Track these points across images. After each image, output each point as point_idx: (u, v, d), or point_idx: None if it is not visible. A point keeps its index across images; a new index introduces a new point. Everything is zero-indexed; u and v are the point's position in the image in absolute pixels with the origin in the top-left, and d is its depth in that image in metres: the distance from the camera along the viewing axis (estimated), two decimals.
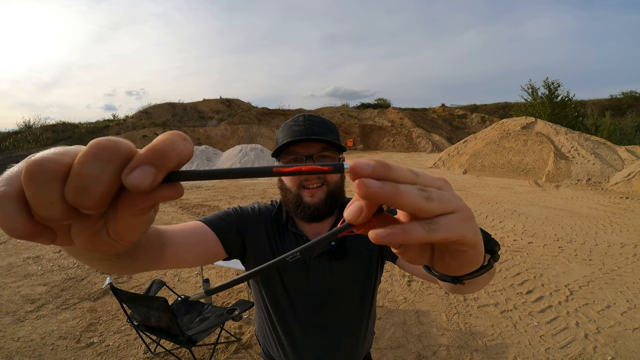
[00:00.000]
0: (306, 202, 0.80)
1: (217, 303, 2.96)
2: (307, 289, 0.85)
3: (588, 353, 2.30)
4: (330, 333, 0.87)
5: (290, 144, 0.78)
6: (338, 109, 27.68)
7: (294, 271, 0.85)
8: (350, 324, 0.89)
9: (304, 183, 0.80)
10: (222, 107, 25.57)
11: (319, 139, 0.78)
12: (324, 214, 0.81)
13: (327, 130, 0.82)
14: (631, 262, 3.81)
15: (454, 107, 31.04)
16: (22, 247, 4.54)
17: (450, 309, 2.88)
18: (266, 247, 0.85)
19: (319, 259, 0.84)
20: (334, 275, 0.85)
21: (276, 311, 0.88)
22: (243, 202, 7.17)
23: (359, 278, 0.87)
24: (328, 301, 0.86)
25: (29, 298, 3.13)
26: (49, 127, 18.85)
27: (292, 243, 0.85)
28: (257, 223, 0.87)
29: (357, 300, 0.88)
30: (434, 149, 20.21)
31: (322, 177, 0.81)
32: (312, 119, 0.82)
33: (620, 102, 26.75)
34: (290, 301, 0.86)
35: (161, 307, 1.84)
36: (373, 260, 0.88)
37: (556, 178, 9.34)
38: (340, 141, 0.86)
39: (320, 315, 0.86)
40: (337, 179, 0.83)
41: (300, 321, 0.87)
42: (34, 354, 2.34)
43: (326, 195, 0.81)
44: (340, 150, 0.83)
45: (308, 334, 0.87)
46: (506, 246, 4.35)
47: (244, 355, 2.31)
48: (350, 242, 0.86)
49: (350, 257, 0.85)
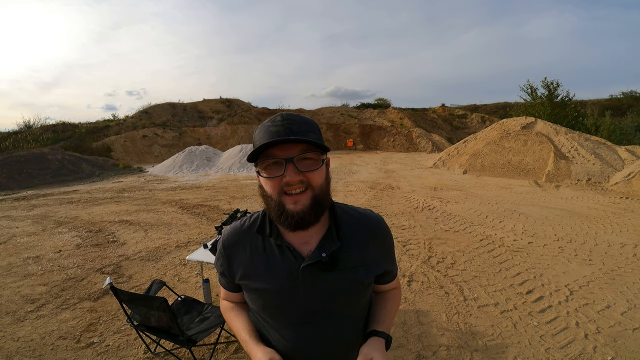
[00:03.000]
0: (289, 209, 0.75)
1: (217, 303, 2.96)
2: (295, 298, 0.82)
3: (588, 353, 2.30)
4: (321, 337, 0.85)
5: (267, 146, 0.72)
6: (338, 109, 27.65)
7: (284, 279, 0.82)
8: (342, 330, 0.86)
9: (285, 189, 0.74)
10: (222, 107, 25.54)
11: (299, 139, 0.71)
12: (309, 221, 0.76)
13: (308, 129, 0.75)
14: (631, 262, 3.81)
15: (454, 107, 31.00)
16: (22, 247, 4.54)
17: (450, 309, 2.88)
18: (256, 266, 0.85)
19: (309, 269, 0.80)
20: (323, 286, 0.81)
21: (262, 318, 0.88)
22: (243, 202, 7.17)
23: (349, 290, 0.84)
24: (318, 309, 0.83)
25: (29, 298, 3.13)
26: (49, 127, 18.82)
27: (279, 256, 0.82)
28: (230, 264, 0.89)
29: (347, 309, 0.86)
30: (434, 149, 20.21)
31: (305, 181, 0.74)
32: (291, 118, 0.76)
33: (620, 102, 26.70)
34: (276, 309, 0.85)
35: (161, 307, 1.84)
36: (366, 279, 0.86)
37: (556, 178, 9.34)
38: (326, 140, 0.82)
39: (311, 322, 0.84)
40: (322, 182, 0.77)
41: (292, 326, 0.85)
42: (34, 354, 2.34)
43: (311, 201, 0.75)
44: (323, 150, 0.77)
45: (300, 338, 0.84)
46: (506, 246, 4.35)
47: (244, 355, 2.31)
48: (343, 255, 0.83)
49: (340, 269, 0.82)
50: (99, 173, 12.60)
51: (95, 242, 4.70)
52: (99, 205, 7.18)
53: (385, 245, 0.91)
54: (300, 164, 0.74)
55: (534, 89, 19.34)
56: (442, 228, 5.15)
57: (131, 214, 6.24)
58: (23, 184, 10.47)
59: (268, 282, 0.82)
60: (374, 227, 0.88)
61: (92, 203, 7.42)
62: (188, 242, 4.62)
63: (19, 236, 5.01)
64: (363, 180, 10.06)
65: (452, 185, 9.00)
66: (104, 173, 12.74)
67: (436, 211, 6.19)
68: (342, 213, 0.87)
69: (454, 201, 7.01)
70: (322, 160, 0.77)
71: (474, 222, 5.43)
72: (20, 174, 11.07)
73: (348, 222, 0.86)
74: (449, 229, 5.08)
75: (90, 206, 7.08)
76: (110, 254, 4.22)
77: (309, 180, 0.75)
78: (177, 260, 3.98)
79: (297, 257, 0.81)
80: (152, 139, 18.66)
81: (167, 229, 5.26)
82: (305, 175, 0.74)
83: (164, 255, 4.17)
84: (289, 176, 0.72)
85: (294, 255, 0.81)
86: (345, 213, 0.88)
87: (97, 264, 3.93)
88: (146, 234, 5.03)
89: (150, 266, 3.85)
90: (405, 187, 8.75)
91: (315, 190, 0.76)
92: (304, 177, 0.74)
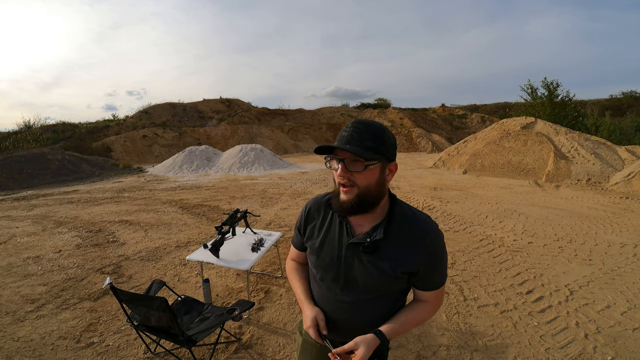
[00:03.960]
0: (340, 197, 0.96)
1: (217, 303, 2.96)
2: (337, 265, 1.02)
3: (588, 353, 2.30)
4: (342, 305, 1.04)
5: (332, 148, 0.94)
6: (338, 109, 27.62)
7: (334, 247, 1.03)
8: (359, 304, 1.02)
9: (339, 181, 0.95)
10: (222, 107, 25.53)
11: (347, 148, 0.89)
12: (352, 211, 0.96)
13: (367, 137, 0.90)
14: (631, 262, 3.81)
15: (454, 107, 31.00)
16: (22, 247, 4.54)
17: (450, 309, 2.88)
18: (320, 231, 1.08)
19: (353, 247, 0.99)
20: (359, 264, 0.99)
21: (314, 273, 1.11)
22: (243, 202, 7.17)
23: (379, 276, 0.97)
24: (348, 281, 1.01)
25: (29, 298, 3.13)
26: (49, 127, 18.79)
27: (337, 228, 1.04)
28: (306, 222, 1.14)
29: (374, 293, 1.01)
30: (434, 149, 20.20)
31: (352, 179, 0.92)
32: (358, 127, 0.92)
33: (620, 102, 26.70)
34: (322, 269, 1.06)
35: (161, 307, 1.84)
36: (397, 271, 0.98)
37: (556, 178, 9.34)
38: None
39: (338, 289, 1.04)
40: (367, 183, 0.93)
41: (326, 287, 1.07)
42: (34, 354, 2.33)
43: (355, 196, 0.93)
44: (368, 158, 0.90)
45: (327, 299, 1.06)
46: (506, 246, 4.35)
47: (244, 355, 2.31)
48: (387, 243, 0.97)
49: (378, 256, 0.97)
50: (99, 173, 12.60)
51: (95, 242, 4.70)
52: (99, 205, 7.18)
53: (427, 251, 0.98)
54: (350, 165, 0.91)
55: (534, 89, 19.34)
56: (442, 228, 5.15)
57: (131, 214, 6.24)
58: (23, 184, 10.47)
59: (323, 246, 1.05)
60: (423, 233, 0.98)
61: (92, 203, 7.41)
62: (188, 242, 4.62)
63: (19, 236, 5.01)
64: None
65: (452, 185, 9.00)
66: (104, 173, 12.74)
67: (436, 211, 6.19)
68: (399, 211, 1.01)
69: (454, 201, 7.01)
70: (366, 166, 0.90)
71: (474, 222, 5.43)
72: (20, 174, 11.06)
73: (401, 221, 1.00)
74: (449, 229, 5.08)
75: (90, 206, 7.08)
76: (110, 254, 4.22)
77: (355, 179, 0.92)
78: (177, 260, 3.98)
79: (350, 234, 1.01)
80: (152, 139, 18.65)
81: (167, 229, 5.26)
82: (353, 175, 0.92)
83: (164, 255, 4.17)
84: (339, 172, 0.92)
85: (347, 232, 1.01)
86: (402, 212, 1.01)
87: (97, 264, 3.93)
88: (146, 234, 5.03)
89: (150, 266, 3.85)
90: (405, 187, 8.75)
91: (360, 188, 0.93)
92: (351, 175, 0.92)
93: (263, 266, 3.76)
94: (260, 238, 3.09)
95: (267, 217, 5.82)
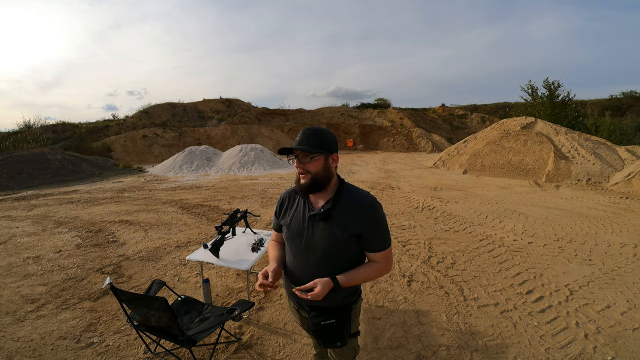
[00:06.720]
0: (300, 182, 1.30)
1: (217, 303, 2.96)
2: (302, 234, 1.32)
3: (588, 353, 2.30)
4: (309, 265, 1.32)
5: (291, 149, 1.28)
6: (338, 109, 27.61)
7: (298, 222, 1.34)
8: (320, 263, 1.30)
9: (298, 171, 1.30)
10: (222, 107, 25.51)
11: (299, 147, 1.25)
12: (310, 190, 1.30)
13: (312, 138, 1.25)
14: (631, 262, 3.81)
15: (454, 107, 30.96)
16: (22, 247, 4.54)
17: (450, 309, 2.88)
18: (290, 210, 1.41)
19: (312, 218, 1.30)
20: (317, 231, 1.29)
21: (287, 245, 1.42)
22: (243, 202, 7.17)
23: (333, 238, 1.26)
24: (310, 245, 1.30)
25: (29, 298, 3.13)
26: (49, 127, 18.77)
27: (301, 206, 1.36)
28: (281, 207, 1.46)
29: (329, 253, 1.28)
30: (434, 149, 20.20)
31: (305, 168, 1.27)
32: (305, 132, 1.27)
33: (620, 102, 26.66)
34: (292, 239, 1.36)
35: (161, 307, 1.84)
36: (345, 234, 1.26)
37: (556, 178, 9.34)
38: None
39: (304, 252, 1.32)
40: (316, 170, 1.27)
41: (295, 252, 1.36)
42: (34, 354, 2.33)
43: (309, 180, 1.27)
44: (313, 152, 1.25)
45: (297, 262, 1.36)
46: (506, 246, 4.35)
47: (244, 355, 2.31)
48: (336, 212, 1.27)
49: (331, 223, 1.27)
50: (99, 173, 12.60)
51: (95, 242, 4.70)
52: (99, 205, 7.18)
53: (367, 216, 1.27)
54: (302, 158, 1.26)
55: (534, 89, 19.33)
56: (442, 228, 5.15)
57: (131, 214, 6.24)
58: (23, 184, 10.46)
59: (292, 221, 1.36)
60: (362, 203, 1.29)
61: (92, 203, 7.41)
62: (188, 242, 4.62)
63: (19, 236, 5.01)
64: (363, 180, 10.06)
65: (452, 185, 8.99)
66: (104, 173, 12.74)
67: (436, 211, 6.19)
68: (345, 189, 1.33)
69: (454, 201, 7.01)
70: (312, 157, 1.25)
71: (474, 222, 5.43)
72: (20, 174, 11.06)
73: (346, 196, 1.31)
74: (449, 229, 5.08)
75: (90, 206, 7.07)
76: (110, 254, 4.22)
77: (308, 167, 1.27)
78: (177, 260, 3.98)
79: (310, 209, 1.33)
80: (152, 139, 18.65)
81: (167, 229, 5.26)
82: (306, 165, 1.27)
83: (164, 255, 4.17)
84: (296, 164, 1.29)
85: (308, 208, 1.34)
86: (348, 190, 1.33)
87: (97, 264, 3.93)
88: (146, 234, 5.03)
89: (150, 266, 3.85)
90: (405, 187, 8.75)
91: (312, 174, 1.27)
92: (304, 165, 1.27)
93: (263, 266, 3.76)
94: (260, 238, 3.09)
95: (267, 217, 5.82)
